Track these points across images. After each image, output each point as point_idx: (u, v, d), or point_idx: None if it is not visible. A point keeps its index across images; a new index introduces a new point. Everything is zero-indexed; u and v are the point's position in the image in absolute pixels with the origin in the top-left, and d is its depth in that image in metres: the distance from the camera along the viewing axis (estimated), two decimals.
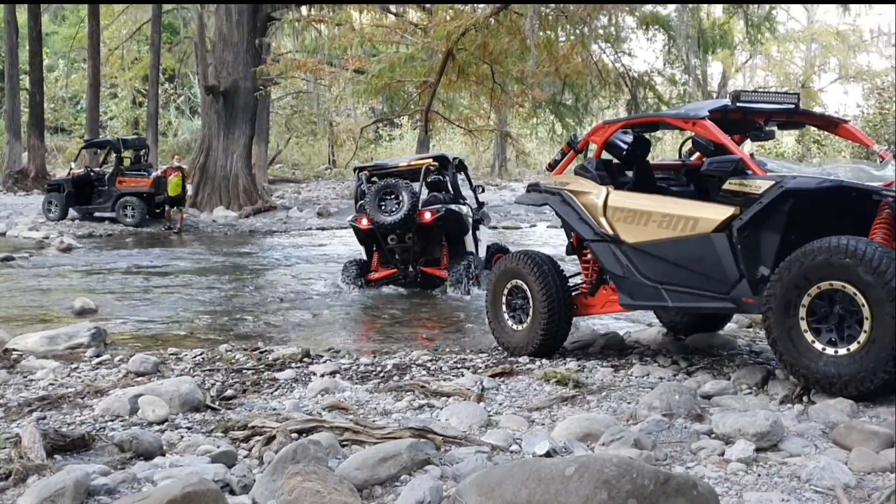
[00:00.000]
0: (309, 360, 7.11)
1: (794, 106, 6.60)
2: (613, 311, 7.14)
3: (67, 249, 17.04)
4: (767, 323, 5.33)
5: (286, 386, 6.15)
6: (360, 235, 12.74)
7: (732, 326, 7.98)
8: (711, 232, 5.78)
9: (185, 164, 24.89)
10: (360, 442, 4.35)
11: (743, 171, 5.70)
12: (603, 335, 7.72)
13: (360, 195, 12.86)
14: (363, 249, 13.00)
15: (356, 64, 17.79)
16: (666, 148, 28.01)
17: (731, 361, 6.59)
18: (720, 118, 6.29)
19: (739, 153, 5.90)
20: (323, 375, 6.42)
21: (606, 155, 7.10)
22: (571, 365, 6.52)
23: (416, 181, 12.40)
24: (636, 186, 6.87)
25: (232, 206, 25.92)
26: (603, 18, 17.26)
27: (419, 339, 8.96)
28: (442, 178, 13.12)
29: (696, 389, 5.48)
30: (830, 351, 5.02)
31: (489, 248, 13.03)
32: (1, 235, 19.85)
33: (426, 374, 6.53)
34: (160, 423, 4.96)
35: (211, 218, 24.52)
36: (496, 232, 18.53)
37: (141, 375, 6.41)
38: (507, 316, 7.20)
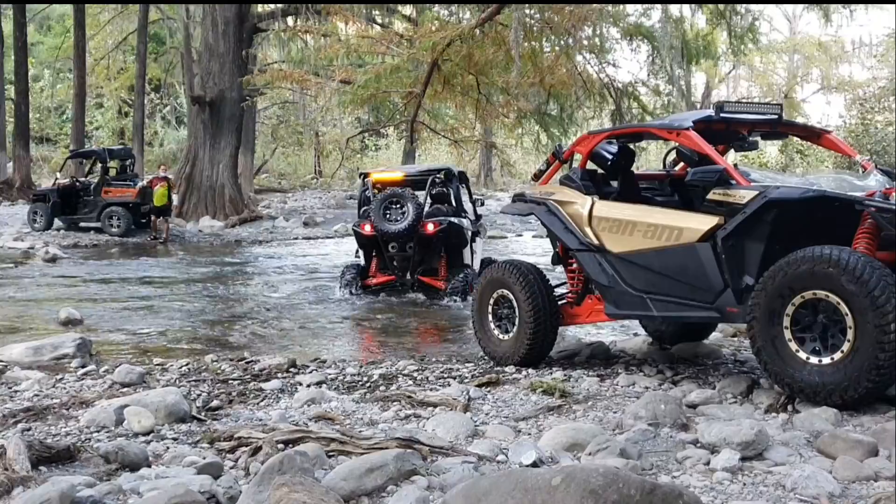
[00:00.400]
0: (295, 370, 7.10)
1: (777, 116, 6.66)
2: (599, 320, 7.17)
3: (53, 260, 16.97)
4: (752, 332, 5.36)
5: (272, 396, 6.13)
6: (361, 240, 12.89)
7: (717, 336, 8.01)
8: (696, 242, 5.81)
9: (171, 174, 24.83)
10: (346, 452, 4.35)
11: (727, 181, 5.74)
12: (589, 345, 7.75)
13: (364, 201, 13.11)
14: (362, 254, 13.15)
15: (342, 75, 17.81)
16: (650, 158, 28.13)
17: (716, 370, 6.62)
18: (704, 129, 6.33)
19: (723, 163, 5.94)
20: (309, 386, 6.41)
21: (591, 165, 7.14)
22: (558, 374, 6.53)
23: (420, 191, 12.66)
24: (621, 196, 6.90)
25: (218, 215, 25.87)
26: (587, 29, 17.36)
27: (406, 348, 8.96)
28: (446, 190, 13.33)
29: (681, 399, 5.50)
30: (814, 360, 5.05)
31: (483, 261, 13.19)
32: None
33: (413, 384, 6.53)
34: (146, 434, 4.94)
35: (197, 228, 24.46)
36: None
37: (126, 386, 6.38)
38: (493, 325, 7.21)
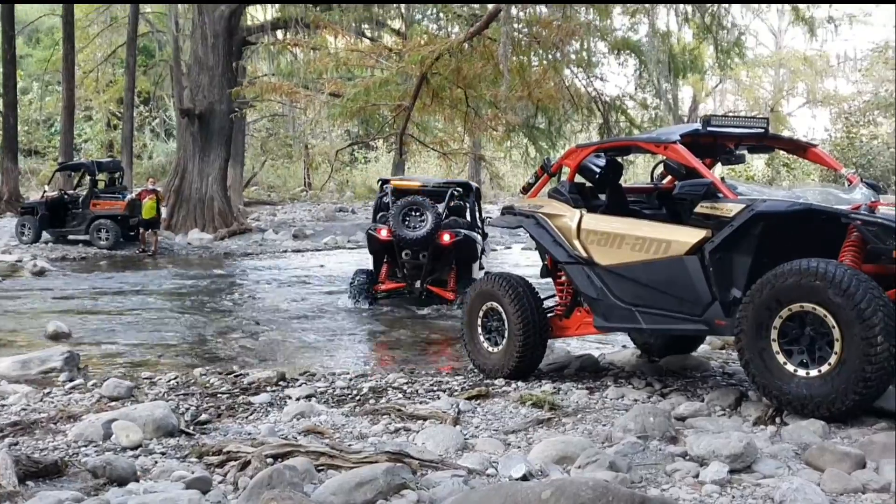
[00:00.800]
0: (284, 383, 7.08)
1: (763, 130, 6.71)
2: (588, 333, 7.20)
3: (41, 273, 16.88)
4: (740, 345, 5.39)
5: (261, 410, 6.12)
6: (374, 245, 13.04)
7: (706, 348, 8.04)
8: (684, 255, 5.84)
9: (160, 186, 24.77)
10: (335, 467, 4.34)
11: (714, 194, 5.78)
12: (578, 357, 7.76)
13: (381, 206, 13.32)
14: (372, 259, 13.34)
15: (331, 87, 17.85)
16: (638, 171, 28.25)
17: (704, 383, 6.65)
18: (691, 142, 6.37)
19: (710, 177, 5.98)
20: (298, 399, 6.40)
21: (580, 178, 7.17)
22: (547, 387, 6.55)
23: (439, 202, 12.81)
24: (609, 209, 6.94)
25: (207, 228, 25.81)
26: (575, 43, 17.44)
27: (396, 361, 8.96)
28: (463, 204, 13.62)
29: (670, 411, 5.52)
30: (802, 372, 5.07)
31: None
32: None
33: (402, 397, 6.53)
34: (134, 448, 4.92)
35: (186, 240, 24.40)
36: None
37: (115, 400, 6.36)
38: (482, 338, 7.22)
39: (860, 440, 4.65)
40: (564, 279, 7.03)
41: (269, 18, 27.73)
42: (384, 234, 12.54)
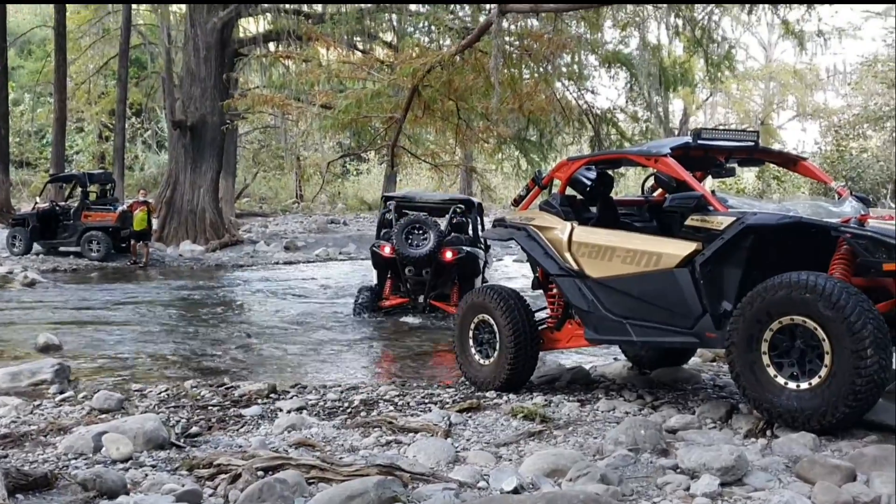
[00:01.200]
0: (275, 395, 7.07)
1: (753, 143, 6.75)
2: (579, 345, 7.20)
3: (32, 284, 16.83)
4: (730, 357, 5.40)
5: (252, 422, 6.11)
6: (378, 261, 13.29)
7: (696, 360, 8.05)
8: (674, 267, 5.85)
9: (151, 198, 24.73)
10: (326, 480, 4.33)
11: (704, 207, 5.80)
12: (569, 369, 7.77)
13: (384, 223, 13.63)
14: (376, 275, 13.56)
15: (323, 99, 17.82)
16: (629, 184, 28.32)
17: (695, 395, 6.66)
18: (682, 155, 6.40)
19: (701, 190, 6.01)
20: (289, 411, 6.39)
21: (571, 191, 7.19)
22: (538, 399, 6.55)
23: (441, 218, 13.24)
24: (600, 222, 6.95)
25: (199, 240, 25.76)
26: (566, 56, 17.51)
27: (388, 373, 8.96)
28: (465, 220, 13.94)
29: (661, 424, 5.52)
30: (792, 385, 5.09)
31: None
32: None
33: (394, 409, 6.53)
34: (124, 461, 4.90)
35: (177, 252, 24.34)
36: None
37: (105, 412, 6.34)
38: (474, 350, 7.22)
39: (851, 453, 4.66)
40: (555, 291, 7.04)
41: (261, 30, 27.74)
42: (387, 251, 12.81)
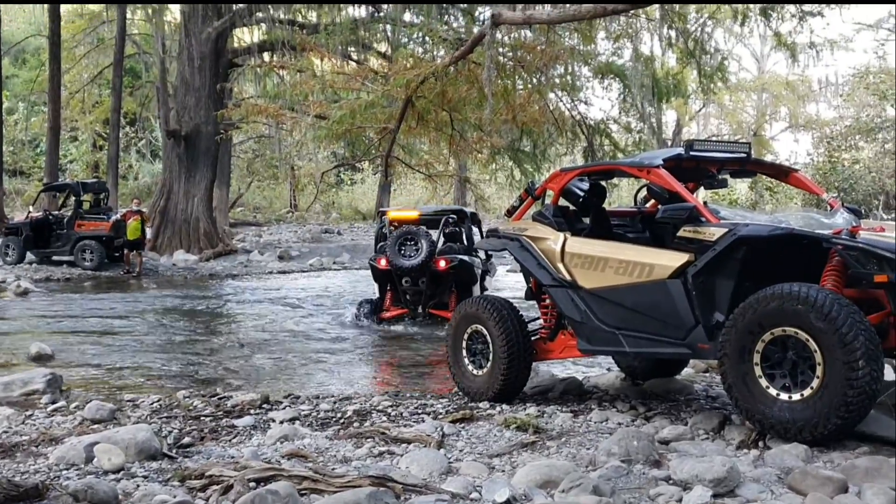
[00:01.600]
0: (268, 406, 7.06)
1: (745, 155, 6.77)
2: (572, 356, 7.21)
3: (25, 293, 16.80)
4: (723, 368, 5.40)
5: (245, 433, 6.10)
6: (376, 274, 13.67)
7: (689, 371, 8.06)
8: (667, 278, 5.86)
9: (145, 207, 24.71)
10: (319, 491, 4.32)
11: (697, 218, 5.81)
12: (562, 380, 7.76)
13: (381, 237, 14.08)
14: (377, 287, 13.90)
15: (317, 109, 17.85)
16: (622, 194, 28.38)
17: (688, 406, 6.66)
18: (674, 166, 6.42)
19: (693, 201, 6.02)
20: (282, 422, 6.38)
21: (564, 202, 7.21)
22: (531, 410, 6.55)
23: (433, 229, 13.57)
24: (593, 233, 6.97)
25: (192, 249, 25.74)
26: (559, 68, 17.56)
27: (381, 383, 8.96)
28: (458, 230, 14.32)
29: (654, 435, 5.53)
30: (785, 396, 5.09)
31: None
32: None
33: (387, 420, 6.51)
34: (116, 471, 4.88)
35: (171, 261, 24.32)
36: None
37: (97, 423, 6.32)
38: (467, 361, 7.22)
39: (843, 464, 4.67)
40: (549, 302, 7.05)
41: (255, 40, 27.79)
42: (383, 263, 13.20)
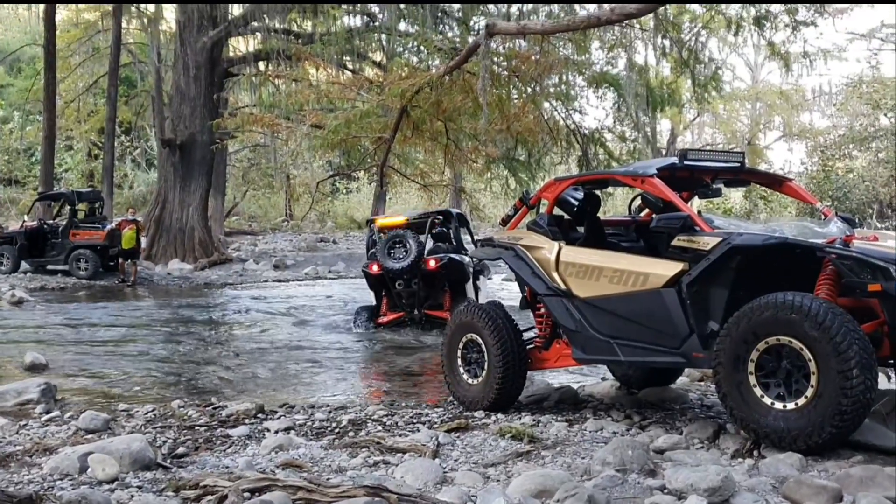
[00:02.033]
0: (263, 415, 7.05)
1: (739, 164, 6.79)
2: (567, 365, 7.20)
3: (19, 303, 16.76)
4: (717, 377, 5.41)
5: (239, 443, 6.09)
6: (370, 281, 14.06)
7: (684, 380, 8.06)
8: (661, 287, 5.87)
9: (140, 216, 24.69)
10: (313, 501, 4.31)
11: (691, 227, 5.83)
12: (557, 389, 7.76)
13: (371, 244, 14.33)
14: (373, 294, 14.25)
15: (313, 119, 17.86)
16: (617, 203, 28.43)
17: (683, 415, 6.66)
18: (668, 176, 6.43)
19: (687, 210, 6.04)
20: (277, 432, 6.37)
21: (558, 211, 7.22)
22: (526, 419, 6.54)
23: (422, 233, 13.80)
24: (587, 242, 6.98)
25: (187, 258, 25.71)
26: (554, 77, 17.60)
27: (376, 392, 8.95)
28: (445, 230, 14.59)
29: (648, 444, 5.53)
30: (779, 405, 5.10)
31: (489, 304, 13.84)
32: None
33: (382, 429, 6.50)
34: (110, 481, 4.87)
35: (166, 270, 24.30)
36: None
37: (91, 433, 6.30)
38: (462, 370, 7.21)
39: (837, 473, 4.67)
40: (543, 311, 7.05)
41: (250, 50, 27.81)
42: (375, 269, 13.50)
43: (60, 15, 33.47)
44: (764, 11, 17.75)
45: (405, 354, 11.55)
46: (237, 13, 26.79)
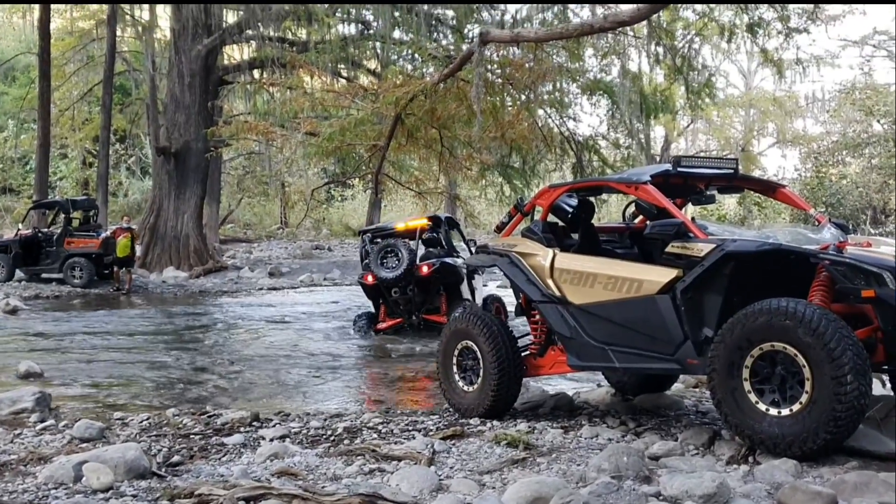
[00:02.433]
0: (258, 423, 7.03)
1: (733, 171, 6.81)
2: (562, 371, 7.20)
3: (13, 311, 16.71)
4: (712, 384, 5.42)
5: (234, 451, 6.08)
6: (367, 290, 14.30)
7: (679, 387, 8.08)
8: (655, 294, 5.88)
9: (135, 224, 24.67)
10: None
11: (685, 234, 5.84)
12: (553, 396, 7.77)
13: (364, 255, 14.49)
14: (371, 303, 14.49)
15: (307, 127, 17.86)
16: (611, 210, 28.46)
17: (678, 422, 6.67)
18: (662, 182, 6.45)
19: (681, 217, 6.06)
20: (272, 440, 6.36)
21: (553, 218, 7.24)
22: (522, 426, 6.54)
23: (413, 240, 14.01)
24: (582, 249, 6.99)
25: (182, 266, 25.69)
26: (548, 85, 17.63)
27: (371, 400, 8.94)
28: (436, 235, 14.82)
29: (644, 451, 5.53)
30: (774, 411, 5.11)
31: (486, 298, 14.41)
32: None
33: (377, 437, 6.50)
34: (105, 491, 4.87)
35: (161, 278, 24.27)
36: None
37: (86, 441, 6.29)
38: (457, 377, 7.21)
39: (832, 479, 4.69)
40: (538, 318, 7.06)
41: (245, 58, 27.83)
42: (370, 279, 13.73)
43: (55, 23, 33.46)
44: (757, 18, 17.80)
45: (400, 362, 11.55)
46: (232, 21, 26.83)
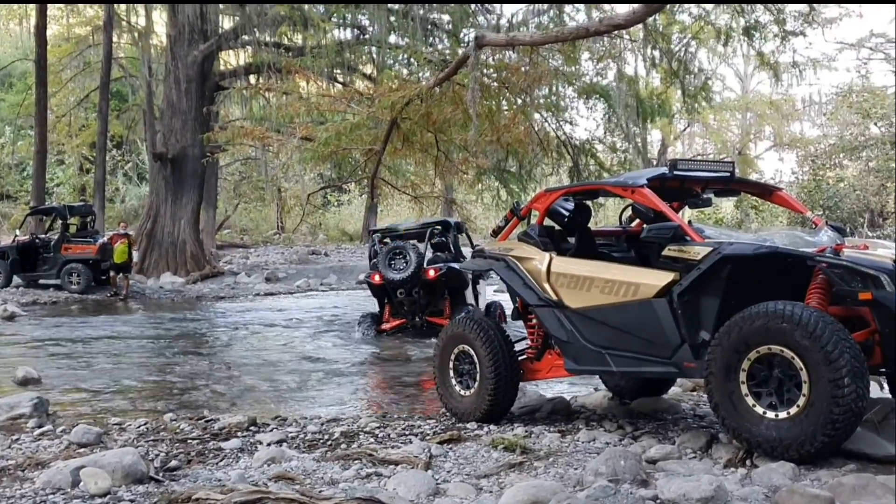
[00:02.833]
0: (255, 428, 7.03)
1: (729, 174, 6.81)
2: (559, 375, 7.20)
3: (11, 317, 16.70)
4: (709, 387, 5.42)
5: (232, 456, 6.07)
6: (373, 290, 14.60)
7: (677, 390, 8.08)
8: (652, 297, 5.88)
9: (132, 230, 24.65)
10: None
11: (682, 237, 5.84)
12: (550, 400, 7.76)
13: (373, 255, 14.79)
14: (376, 302, 14.79)
15: (304, 132, 17.85)
16: (608, 214, 28.46)
17: (675, 425, 6.67)
18: (658, 186, 6.45)
19: (678, 220, 6.05)
20: (269, 444, 6.35)
21: (549, 222, 7.24)
22: (519, 430, 6.54)
23: (421, 242, 14.36)
24: (578, 252, 6.99)
25: (179, 271, 25.67)
26: (544, 88, 17.65)
27: (368, 404, 8.94)
28: (444, 239, 15.11)
29: (641, 454, 5.53)
30: (771, 414, 5.11)
31: (489, 305, 14.76)
32: None
33: (374, 441, 6.50)
34: (102, 495, 4.86)
35: (158, 284, 24.25)
36: None
37: (83, 446, 6.29)
38: (454, 381, 7.21)
39: (829, 482, 4.68)
40: (535, 322, 7.06)
41: (241, 63, 27.85)
42: (377, 279, 14.01)
43: (51, 29, 33.47)
44: (753, 21, 17.82)
45: (397, 366, 11.55)
46: (228, 26, 26.84)
